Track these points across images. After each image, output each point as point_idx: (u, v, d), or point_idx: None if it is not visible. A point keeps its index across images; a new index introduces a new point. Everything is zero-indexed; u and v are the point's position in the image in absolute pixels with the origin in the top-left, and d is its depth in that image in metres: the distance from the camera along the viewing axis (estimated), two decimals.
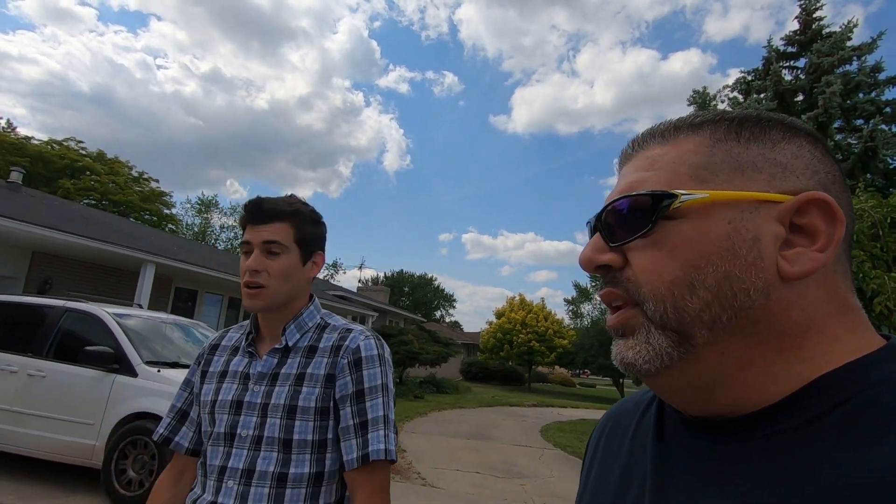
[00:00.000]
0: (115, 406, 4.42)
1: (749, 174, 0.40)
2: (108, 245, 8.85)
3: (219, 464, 1.03)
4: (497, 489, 5.73)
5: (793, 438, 0.35)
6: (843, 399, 0.35)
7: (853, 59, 11.83)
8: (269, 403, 1.04)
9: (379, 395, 1.05)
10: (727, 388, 0.39)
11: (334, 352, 1.08)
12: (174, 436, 1.17)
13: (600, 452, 0.54)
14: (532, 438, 9.79)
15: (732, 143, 0.41)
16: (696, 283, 0.38)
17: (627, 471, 0.47)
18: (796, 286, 0.38)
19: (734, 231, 0.38)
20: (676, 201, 0.39)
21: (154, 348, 5.00)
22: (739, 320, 0.37)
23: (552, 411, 15.78)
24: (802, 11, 12.82)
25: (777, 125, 0.42)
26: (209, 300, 13.23)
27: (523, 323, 26.12)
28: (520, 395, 21.23)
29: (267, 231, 1.09)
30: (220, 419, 1.06)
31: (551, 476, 6.70)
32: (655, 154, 0.44)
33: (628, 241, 0.41)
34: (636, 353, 0.41)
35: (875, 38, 11.83)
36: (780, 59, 12.86)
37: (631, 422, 0.51)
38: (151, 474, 4.14)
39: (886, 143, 10.26)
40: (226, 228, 37.01)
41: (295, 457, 1.01)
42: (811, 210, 0.38)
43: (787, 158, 0.40)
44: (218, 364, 1.15)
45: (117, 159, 27.68)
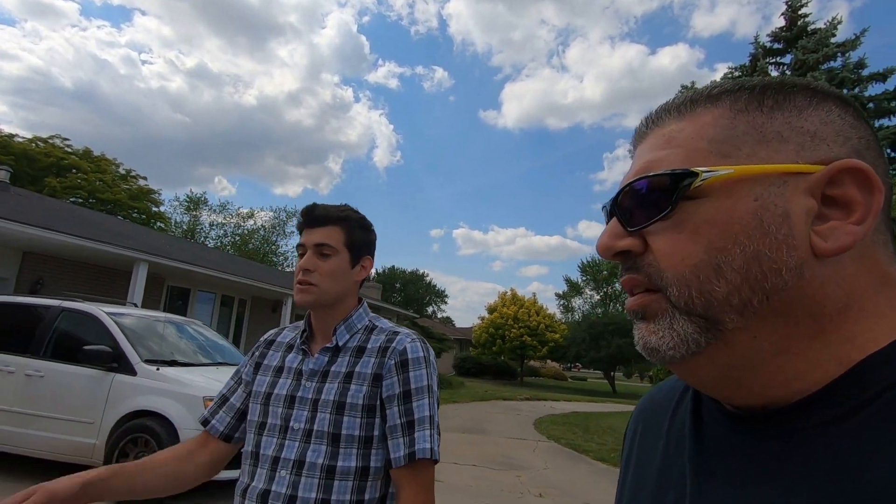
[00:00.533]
0: (114, 404, 4.44)
1: (775, 145, 0.37)
2: (102, 244, 8.79)
3: (272, 454, 1.08)
4: (494, 481, 5.83)
5: (836, 431, 0.33)
6: (890, 383, 0.32)
7: (837, 55, 12.07)
8: (320, 399, 1.09)
9: (425, 396, 1.10)
10: (761, 374, 0.36)
11: (381, 353, 1.13)
12: (211, 418, 1.22)
13: (636, 450, 0.51)
14: (526, 431, 9.92)
15: (755, 113, 0.38)
16: (723, 266, 0.36)
17: (665, 470, 0.44)
18: (832, 262, 0.35)
19: (762, 207, 0.35)
20: (697, 180, 0.36)
21: (151, 346, 5.02)
22: (771, 302, 0.35)
23: (545, 405, 15.94)
24: (788, 8, 13.03)
25: (802, 90, 0.39)
26: (202, 298, 13.16)
27: (515, 318, 26.30)
28: (512, 389, 21.39)
29: (319, 234, 1.17)
30: (274, 411, 1.12)
31: (546, 468, 6.82)
32: (672, 130, 0.41)
33: (647, 224, 0.39)
34: (659, 338, 0.38)
35: (858, 35, 12.08)
36: (767, 56, 13.07)
37: (665, 415, 0.49)
38: None
39: None
40: (215, 226, 36.73)
41: (343, 451, 1.06)
42: (845, 180, 0.35)
43: (816, 126, 0.37)
44: (274, 358, 1.20)
45: (104, 157, 27.31)
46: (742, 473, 0.37)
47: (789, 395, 0.36)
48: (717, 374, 0.38)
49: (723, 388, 0.39)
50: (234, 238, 36.76)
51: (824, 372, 0.35)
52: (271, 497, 1.04)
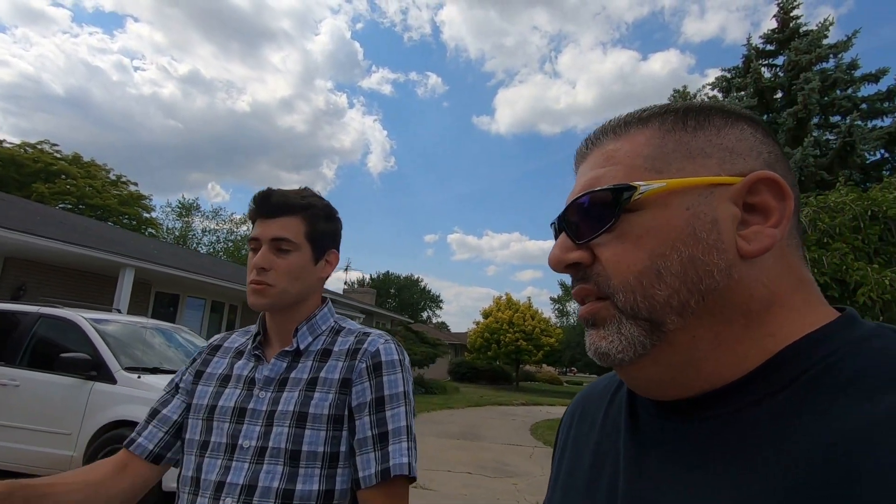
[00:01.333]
0: (93, 414, 4.26)
1: (700, 160, 0.41)
2: (86, 249, 8.58)
3: (215, 479, 0.91)
4: (489, 489, 5.68)
5: (757, 411, 0.36)
6: (805, 368, 0.36)
7: (830, 56, 12.11)
8: (277, 410, 0.94)
9: (400, 404, 0.96)
10: (700, 370, 0.39)
11: (351, 355, 0.99)
12: (138, 436, 1.01)
13: (571, 437, 0.54)
14: (522, 437, 9.78)
15: (681, 133, 0.42)
16: (663, 271, 0.39)
17: (599, 455, 0.47)
18: (757, 263, 0.38)
19: (693, 216, 0.39)
20: (636, 193, 0.40)
21: (134, 354, 4.84)
22: (706, 302, 0.38)
23: (541, 409, 15.80)
24: (780, 10, 13.07)
25: (717, 112, 0.43)
26: (191, 304, 12.94)
27: (510, 322, 26.18)
28: (508, 394, 21.25)
29: (276, 226, 1.00)
30: (218, 427, 0.95)
31: (542, 474, 6.67)
32: (610, 150, 0.44)
33: (594, 237, 0.42)
34: (609, 343, 0.41)
35: (850, 37, 12.13)
36: (760, 57, 13.10)
37: (601, 405, 0.51)
38: None
39: (864, 139, 10.50)
40: (207, 232, 36.44)
41: (303, 471, 0.90)
42: (761, 189, 0.39)
43: (733, 142, 0.41)
44: (219, 366, 1.04)
45: (94, 162, 27.03)
46: (671, 456, 0.40)
47: (718, 385, 0.39)
48: (661, 373, 0.40)
49: (666, 386, 0.41)
50: (226, 244, 36.48)
51: (751, 361, 0.38)
52: None
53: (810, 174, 10.40)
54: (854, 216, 6.20)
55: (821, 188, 9.70)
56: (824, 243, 5.38)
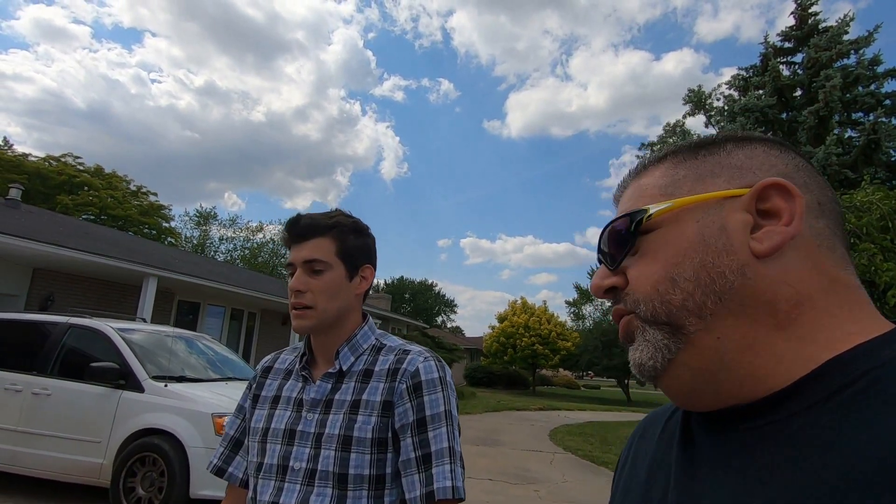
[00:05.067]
0: (122, 422, 4.34)
1: (709, 181, 0.45)
2: (110, 259, 8.77)
3: (269, 499, 0.95)
4: (511, 496, 5.64)
5: (805, 421, 0.36)
6: (852, 380, 0.36)
7: (851, 52, 11.85)
8: (324, 433, 0.96)
9: (443, 424, 0.96)
10: (732, 373, 0.40)
11: (391, 376, 0.99)
12: (227, 466, 1.09)
13: (631, 456, 0.56)
14: (541, 443, 9.69)
15: (692, 161, 0.47)
16: (677, 277, 0.42)
17: (653, 469, 0.49)
18: (777, 262, 0.40)
19: (702, 227, 0.43)
20: (647, 215, 0.45)
21: (159, 362, 4.93)
22: (724, 303, 0.40)
23: (559, 414, 15.66)
24: (798, 7, 12.86)
25: (730, 139, 0.47)
26: (211, 312, 13.12)
27: (526, 326, 26.03)
28: (525, 398, 21.10)
29: (307, 248, 1.03)
30: (272, 450, 0.98)
31: (564, 481, 6.60)
32: (633, 189, 0.50)
33: (621, 260, 0.47)
34: (640, 352, 0.44)
35: (871, 32, 11.87)
36: (778, 55, 12.88)
37: (660, 423, 0.54)
38: (161, 492, 4.05)
39: (889, 136, 10.23)
40: (224, 240, 36.94)
41: (351, 493, 0.92)
42: (770, 194, 0.42)
43: (741, 160, 0.45)
44: (271, 388, 1.07)
45: (115, 174, 27.64)
46: (720, 466, 0.40)
47: (760, 392, 0.39)
48: (695, 379, 0.42)
49: (700, 393, 0.42)
50: (243, 252, 36.94)
51: (788, 368, 0.38)
52: None
53: (833, 173, 10.17)
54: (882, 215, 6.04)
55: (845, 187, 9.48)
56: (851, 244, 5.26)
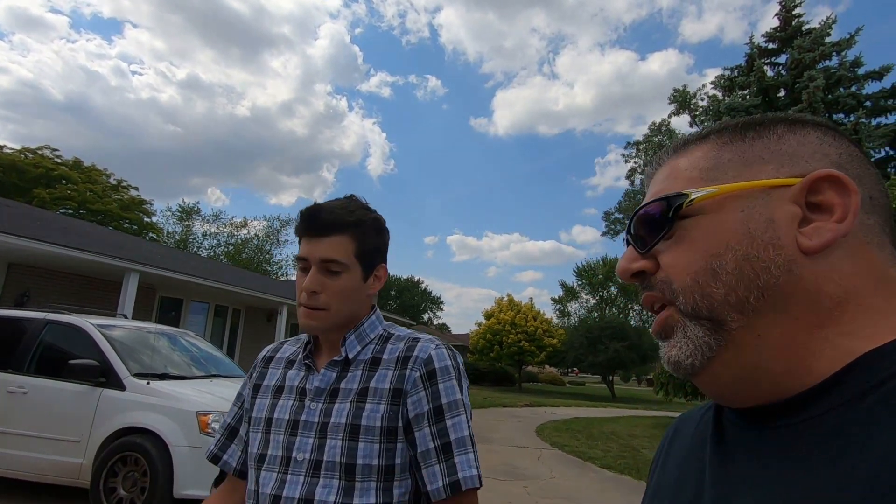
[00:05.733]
0: (102, 421, 4.21)
1: (757, 167, 0.42)
2: (90, 254, 8.54)
3: (271, 492, 0.90)
4: (500, 492, 5.63)
5: (836, 418, 0.35)
6: (889, 375, 0.34)
7: (833, 54, 12.10)
8: (329, 423, 0.92)
9: (461, 412, 0.93)
10: (772, 371, 0.39)
11: (402, 363, 0.95)
12: (222, 454, 1.06)
13: (663, 455, 0.55)
14: (529, 439, 9.72)
15: (738, 144, 0.44)
16: (719, 269, 0.40)
17: (686, 467, 0.48)
18: (824, 259, 0.38)
19: (748, 217, 0.40)
20: (688, 200, 0.42)
21: (141, 360, 4.81)
22: (767, 299, 0.38)
23: (545, 411, 15.75)
24: (783, 9, 13.07)
25: (781, 121, 0.44)
26: (195, 308, 12.91)
27: (512, 323, 26.13)
28: (512, 395, 21.20)
29: (325, 246, 0.96)
30: (275, 440, 0.94)
31: (552, 476, 6.63)
32: (671, 167, 0.47)
33: (654, 244, 0.44)
34: (679, 350, 0.42)
35: (853, 34, 12.13)
36: (763, 56, 13.10)
37: (692, 423, 0.53)
38: (144, 492, 3.95)
39: (869, 136, 10.47)
40: (208, 236, 36.40)
41: (359, 484, 0.88)
42: (823, 187, 0.40)
43: (793, 147, 0.42)
44: (273, 377, 1.03)
45: (94, 167, 27.01)
46: (754, 462, 0.39)
47: (797, 388, 0.38)
48: (734, 377, 0.41)
49: (740, 391, 0.41)
50: (227, 248, 36.46)
51: (828, 363, 0.37)
52: None
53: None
54: None
55: None
56: None
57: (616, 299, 46.92)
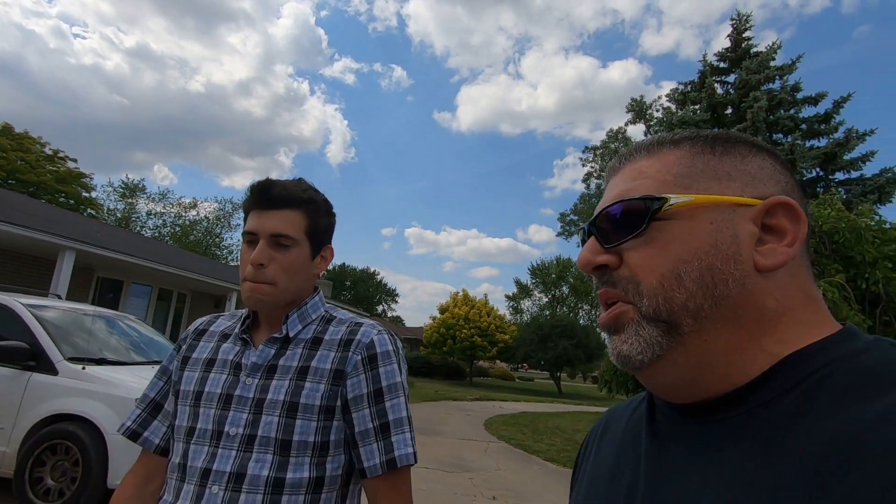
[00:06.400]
0: (30, 408, 3.95)
1: (725, 182, 0.45)
2: (21, 229, 7.94)
3: (201, 465, 0.89)
4: (447, 484, 5.73)
5: (765, 411, 0.39)
6: (808, 373, 0.39)
7: (776, 77, 12.93)
8: (266, 399, 0.92)
9: (399, 395, 0.96)
10: (713, 373, 0.42)
11: (344, 346, 0.97)
12: (143, 430, 1.02)
13: (594, 449, 0.58)
14: (477, 432, 9.90)
15: (709, 156, 0.47)
16: (683, 275, 0.43)
17: (620, 459, 0.50)
18: (770, 277, 0.42)
19: (717, 229, 0.43)
20: (666, 204, 0.44)
21: (76, 343, 4.54)
22: (720, 308, 0.42)
23: (494, 405, 16.05)
24: (734, 31, 13.83)
25: (742, 142, 0.48)
26: (136, 291, 12.27)
27: (467, 318, 26.42)
28: (462, 389, 21.46)
29: (275, 219, 0.96)
30: (205, 414, 0.93)
31: (498, 469, 6.80)
32: (641, 166, 0.49)
33: (624, 241, 0.46)
34: (630, 346, 0.44)
35: (794, 60, 13.02)
36: (714, 74, 13.81)
37: (623, 418, 0.55)
38: (74, 482, 3.75)
39: (803, 157, 11.29)
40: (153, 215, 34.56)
41: (294, 459, 0.89)
42: (778, 212, 0.44)
43: (755, 169, 0.46)
44: (205, 350, 1.01)
45: (27, 134, 24.98)
46: (689, 454, 0.43)
47: (732, 387, 0.42)
48: (678, 376, 0.44)
49: (681, 388, 0.45)
50: (173, 229, 34.76)
51: (761, 366, 0.41)
52: None
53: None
54: None
55: None
56: None
57: (567, 298, 48.31)
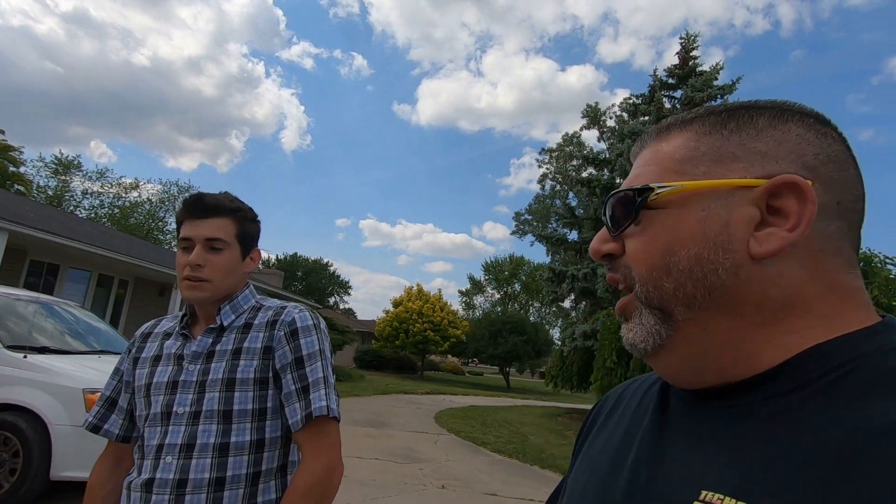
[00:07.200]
0: None
1: (727, 164, 0.43)
2: None
3: (156, 442, 1.03)
4: (398, 474, 5.88)
5: (781, 402, 0.38)
6: (831, 367, 0.37)
7: (718, 96, 13.87)
8: (207, 380, 1.06)
9: (318, 360, 1.09)
10: (717, 360, 0.42)
11: (270, 326, 1.11)
12: (103, 423, 1.17)
13: (599, 424, 0.57)
14: (427, 425, 10.08)
15: (716, 136, 0.44)
16: (671, 266, 0.42)
17: (628, 437, 0.49)
18: (772, 265, 0.40)
19: (706, 217, 0.41)
20: (653, 194, 0.44)
21: (13, 330, 4.34)
22: (714, 298, 0.41)
23: (444, 398, 16.27)
24: (683, 49, 14.69)
25: (766, 112, 0.43)
26: (74, 276, 11.58)
27: (420, 313, 26.56)
28: (413, 382, 21.61)
29: (208, 226, 1.11)
30: (155, 400, 1.07)
31: (447, 460, 7.01)
32: (653, 151, 0.48)
33: (622, 230, 0.46)
34: (634, 333, 0.45)
35: (735, 81, 14.03)
36: (663, 88, 14.61)
37: (636, 396, 0.54)
38: (14, 473, 3.63)
39: None
40: (90, 195, 32.38)
41: (236, 426, 1.03)
42: (784, 192, 0.40)
43: (769, 145, 0.42)
44: (151, 350, 1.15)
45: None
46: (693, 438, 0.42)
47: (739, 376, 0.41)
48: (680, 363, 0.44)
49: (685, 375, 0.45)
50: (112, 210, 32.72)
51: (771, 357, 0.40)
52: (156, 485, 1.00)
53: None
54: None
55: None
56: None
57: (519, 296, 49.46)
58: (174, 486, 0.98)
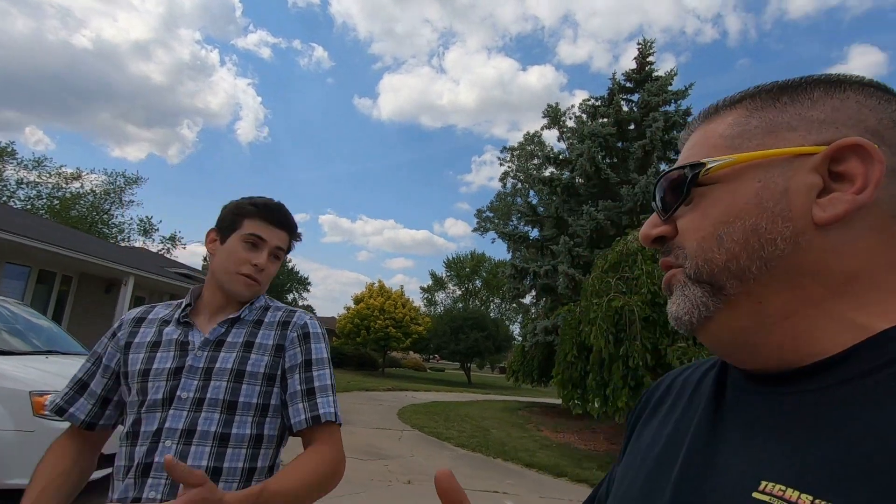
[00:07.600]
0: None
1: (783, 134, 0.41)
2: None
3: (155, 427, 1.03)
4: (363, 471, 5.86)
5: (844, 392, 0.35)
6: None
7: (672, 101, 14.50)
8: (214, 367, 1.08)
9: (325, 367, 1.15)
10: (773, 337, 0.39)
11: (283, 326, 1.17)
12: (69, 406, 1.13)
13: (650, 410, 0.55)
14: (390, 421, 10.08)
15: (769, 110, 0.43)
16: (724, 237, 0.40)
17: (683, 423, 0.47)
18: (840, 232, 0.37)
19: (763, 187, 0.40)
20: (704, 169, 0.42)
21: None
22: (770, 269, 0.39)
23: (406, 395, 16.30)
24: (639, 54, 15.24)
25: (820, 84, 0.42)
26: (11, 272, 10.79)
27: (381, 309, 26.41)
28: (375, 379, 21.48)
29: (282, 236, 1.21)
30: (156, 386, 1.06)
31: (412, 455, 7.05)
32: (700, 134, 0.47)
33: (673, 210, 0.45)
34: (677, 307, 0.44)
35: (687, 87, 14.69)
36: (621, 92, 15.12)
37: (692, 380, 0.52)
38: None
39: None
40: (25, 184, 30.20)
41: (238, 418, 1.06)
42: (847, 155, 0.38)
43: (826, 113, 0.40)
44: (147, 335, 1.15)
45: None
46: (755, 427, 0.39)
47: (801, 358, 0.39)
48: (731, 336, 0.42)
49: (738, 351, 0.42)
50: (50, 201, 30.67)
51: (834, 336, 0.37)
52: (154, 469, 0.99)
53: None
54: None
55: None
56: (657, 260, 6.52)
57: (480, 292, 49.95)
58: None
